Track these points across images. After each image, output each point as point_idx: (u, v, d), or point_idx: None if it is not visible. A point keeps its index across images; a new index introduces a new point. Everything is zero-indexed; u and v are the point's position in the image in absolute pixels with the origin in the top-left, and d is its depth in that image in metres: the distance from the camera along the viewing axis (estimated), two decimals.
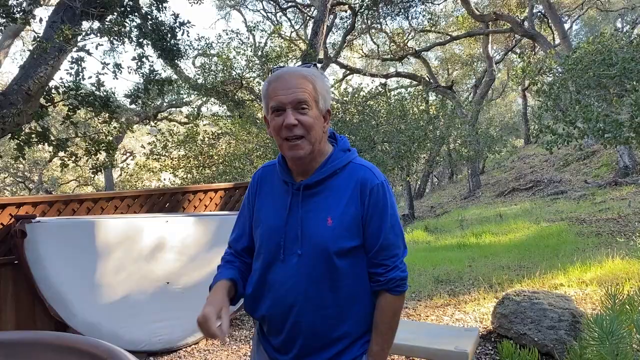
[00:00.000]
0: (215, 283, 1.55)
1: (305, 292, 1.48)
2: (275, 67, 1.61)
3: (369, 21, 18.91)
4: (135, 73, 6.91)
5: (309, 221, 1.50)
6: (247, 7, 22.67)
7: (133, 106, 8.26)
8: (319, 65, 15.69)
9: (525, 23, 18.63)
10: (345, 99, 12.83)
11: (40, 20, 6.38)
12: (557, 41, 18.54)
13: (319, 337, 1.50)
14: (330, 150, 1.57)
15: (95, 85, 6.76)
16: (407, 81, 23.96)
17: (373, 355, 1.53)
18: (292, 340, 1.52)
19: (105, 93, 6.87)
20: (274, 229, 1.54)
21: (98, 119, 8.12)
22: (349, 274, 1.49)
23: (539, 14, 19.91)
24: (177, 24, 7.01)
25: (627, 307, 2.79)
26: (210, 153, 12.68)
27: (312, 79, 1.49)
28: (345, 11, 17.64)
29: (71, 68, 6.43)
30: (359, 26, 18.99)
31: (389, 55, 21.47)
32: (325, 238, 1.46)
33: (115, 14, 6.57)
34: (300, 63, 14.26)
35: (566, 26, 22.10)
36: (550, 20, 18.49)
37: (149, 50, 7.21)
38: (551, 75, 10.42)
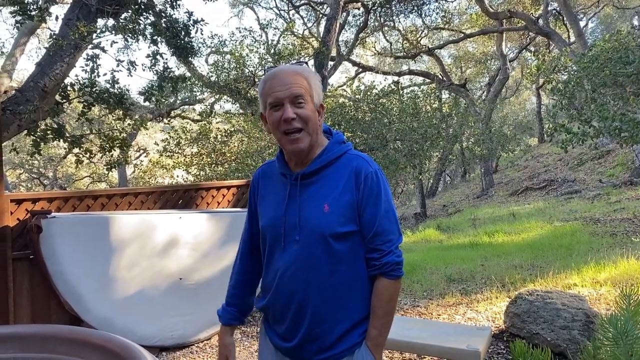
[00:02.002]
0: (221, 321, 1.80)
1: (306, 277, 1.55)
2: (269, 66, 1.68)
3: (382, 19, 18.83)
4: (149, 70, 6.96)
5: (306, 209, 1.56)
6: (260, 5, 22.73)
7: (147, 103, 8.33)
8: (331, 62, 15.68)
9: (540, 21, 18.43)
10: (357, 96, 12.78)
11: (56, 17, 6.46)
12: (573, 39, 18.33)
13: (323, 321, 1.55)
14: (326, 143, 1.63)
15: (110, 82, 6.83)
16: (420, 79, 23.86)
17: (371, 339, 1.57)
18: (296, 326, 1.58)
19: (119, 90, 6.94)
20: (275, 220, 1.61)
21: (112, 116, 8.19)
22: (347, 259, 1.55)
23: (554, 11, 19.68)
24: (191, 21, 7.04)
25: None
26: (223, 150, 12.67)
27: (306, 75, 1.57)
28: (358, 9, 17.60)
29: (86, 65, 6.50)
30: (372, 24, 18.93)
31: (402, 53, 21.38)
32: (322, 223, 1.53)
33: (129, 11, 6.62)
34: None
35: (582, 24, 21.81)
36: (565, 18, 18.28)
37: (163, 48, 7.26)
38: (566, 73, 10.29)
